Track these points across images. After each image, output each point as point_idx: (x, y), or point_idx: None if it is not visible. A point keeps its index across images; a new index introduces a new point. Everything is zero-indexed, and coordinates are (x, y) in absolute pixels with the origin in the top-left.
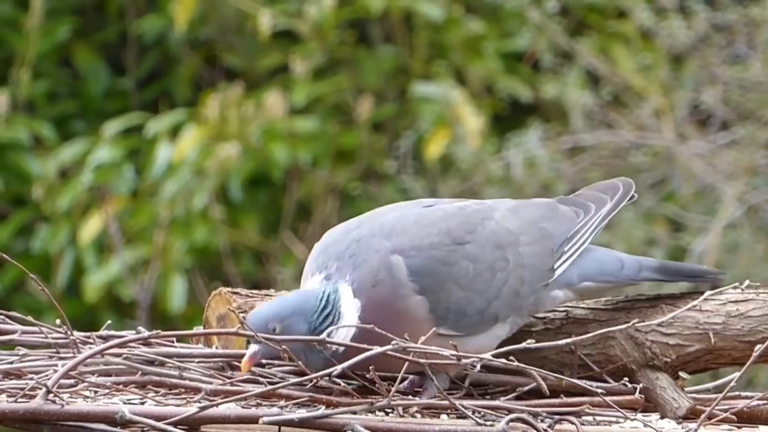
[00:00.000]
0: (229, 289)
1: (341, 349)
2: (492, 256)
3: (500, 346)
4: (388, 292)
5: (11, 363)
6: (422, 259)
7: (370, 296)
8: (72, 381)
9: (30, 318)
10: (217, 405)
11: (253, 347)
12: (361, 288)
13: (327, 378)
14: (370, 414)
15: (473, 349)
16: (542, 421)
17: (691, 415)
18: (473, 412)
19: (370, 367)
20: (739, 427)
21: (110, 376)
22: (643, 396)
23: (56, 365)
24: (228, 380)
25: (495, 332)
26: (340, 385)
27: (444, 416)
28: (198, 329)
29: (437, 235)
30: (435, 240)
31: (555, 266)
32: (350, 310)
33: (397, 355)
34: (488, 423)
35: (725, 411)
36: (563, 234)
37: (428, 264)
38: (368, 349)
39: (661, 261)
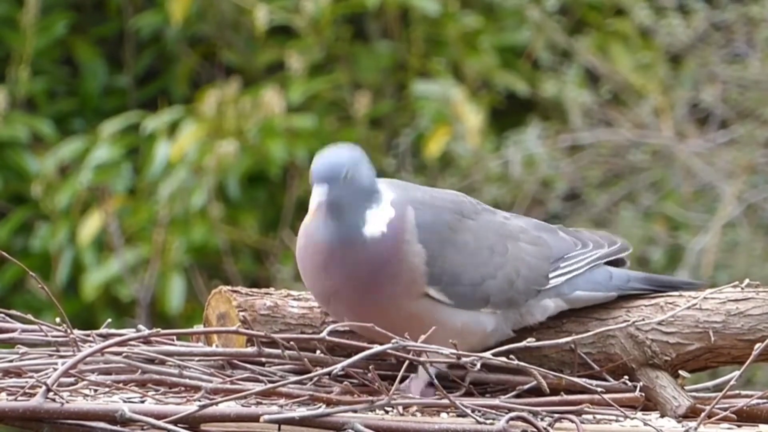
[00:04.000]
0: (229, 287)
1: (377, 235)
2: (493, 239)
3: (498, 345)
4: (399, 230)
5: (11, 361)
6: (430, 216)
7: (391, 219)
8: (72, 379)
9: (30, 316)
10: (217, 403)
11: (323, 191)
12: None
13: (327, 376)
14: (370, 412)
15: (458, 324)
16: (542, 419)
17: (691, 413)
18: (473, 411)
19: (370, 367)
20: (739, 426)
21: (110, 374)
22: (643, 394)
23: (56, 363)
24: (228, 379)
25: (481, 318)
26: (342, 383)
27: (444, 415)
28: (198, 328)
29: (449, 203)
30: (446, 205)
31: (550, 275)
32: (387, 202)
33: (396, 353)
34: (488, 421)
35: (725, 410)
36: (561, 251)
37: (435, 222)
38: (368, 348)
39: (647, 274)
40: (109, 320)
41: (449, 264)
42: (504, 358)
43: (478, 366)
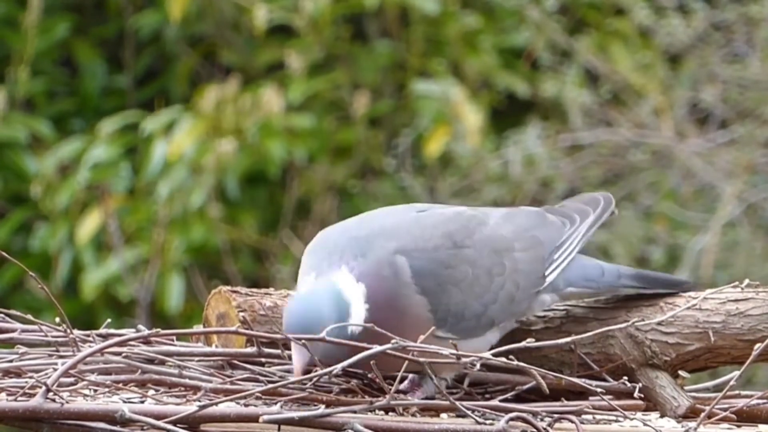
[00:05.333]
0: (229, 287)
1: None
2: (490, 261)
3: (497, 346)
4: (392, 288)
5: (11, 361)
6: (425, 261)
7: (373, 284)
8: (72, 379)
9: (29, 316)
10: (216, 404)
11: (303, 355)
12: (365, 275)
13: (327, 376)
14: (370, 413)
15: (467, 352)
16: (542, 419)
17: (691, 413)
18: (473, 411)
19: (371, 362)
20: (738, 426)
21: (110, 374)
22: (642, 395)
23: (56, 364)
24: (228, 379)
25: (488, 338)
26: (341, 384)
27: (444, 415)
28: (198, 328)
29: (440, 238)
30: (438, 242)
31: (546, 273)
32: (356, 298)
33: (397, 353)
34: (488, 422)
35: (725, 410)
36: (553, 242)
37: (431, 266)
38: (368, 348)
39: (637, 270)
40: (109, 320)
41: (452, 305)
42: (504, 359)
43: (478, 366)
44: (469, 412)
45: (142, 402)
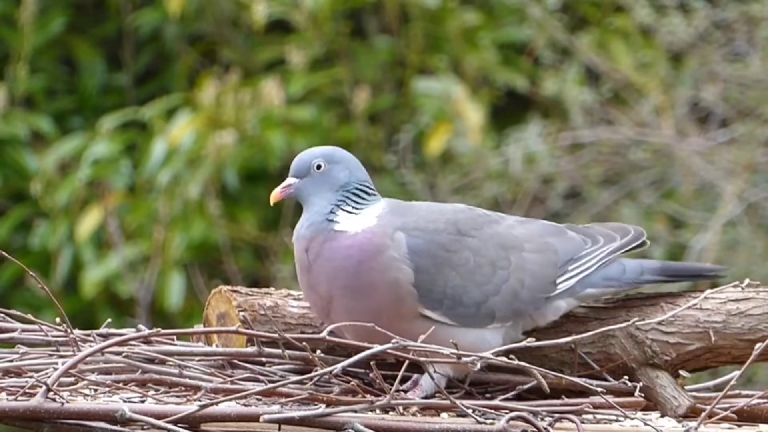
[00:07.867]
0: (229, 287)
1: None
2: (495, 253)
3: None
4: (387, 246)
5: (11, 361)
6: (423, 241)
7: (380, 223)
8: (72, 379)
9: (30, 316)
10: (217, 403)
11: (292, 180)
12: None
13: (328, 376)
14: (370, 412)
15: (462, 345)
16: (542, 419)
17: (692, 413)
18: (473, 411)
19: (371, 363)
20: (739, 426)
21: (110, 374)
22: (642, 395)
23: (56, 363)
24: (228, 378)
25: (487, 336)
26: (341, 384)
27: (444, 415)
28: (198, 327)
29: (444, 223)
30: (440, 226)
31: (558, 281)
32: (374, 207)
33: (396, 353)
34: (488, 421)
35: (725, 409)
36: (569, 253)
37: (428, 246)
38: (368, 348)
39: (662, 262)
40: (109, 320)
41: (449, 287)
42: (504, 358)
43: (479, 366)
44: (469, 412)
45: (143, 401)
